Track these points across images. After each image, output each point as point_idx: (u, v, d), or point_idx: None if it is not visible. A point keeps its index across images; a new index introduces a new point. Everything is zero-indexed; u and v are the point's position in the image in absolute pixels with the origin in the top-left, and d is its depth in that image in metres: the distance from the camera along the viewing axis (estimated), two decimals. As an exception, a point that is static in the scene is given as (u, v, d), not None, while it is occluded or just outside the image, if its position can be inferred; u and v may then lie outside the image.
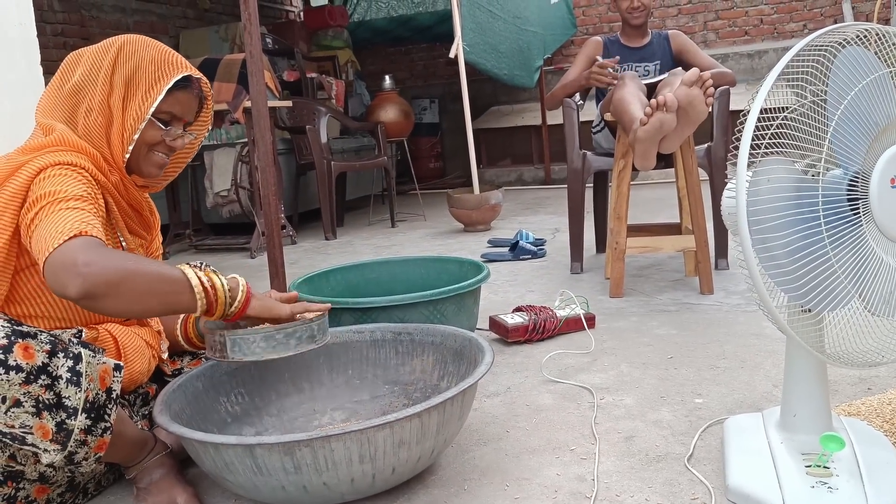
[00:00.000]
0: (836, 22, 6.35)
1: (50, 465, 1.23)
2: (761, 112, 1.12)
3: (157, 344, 1.50)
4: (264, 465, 1.15)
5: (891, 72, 1.15)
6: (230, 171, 4.26)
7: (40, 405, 1.11)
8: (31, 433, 1.11)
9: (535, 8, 5.90)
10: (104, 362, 1.20)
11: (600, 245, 3.27)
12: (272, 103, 4.20)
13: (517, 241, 3.38)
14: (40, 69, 2.94)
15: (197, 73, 1.45)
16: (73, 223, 1.16)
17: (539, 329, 2.09)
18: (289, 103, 4.48)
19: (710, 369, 1.80)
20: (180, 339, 1.57)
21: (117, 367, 1.22)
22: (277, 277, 2.70)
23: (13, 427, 1.10)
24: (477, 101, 6.68)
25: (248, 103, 3.97)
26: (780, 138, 1.13)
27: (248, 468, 1.16)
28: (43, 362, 1.12)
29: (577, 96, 3.04)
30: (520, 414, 1.62)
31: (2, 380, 1.07)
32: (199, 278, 1.24)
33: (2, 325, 1.10)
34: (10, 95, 2.81)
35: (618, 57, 2.84)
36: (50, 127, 1.35)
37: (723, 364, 1.82)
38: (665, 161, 2.79)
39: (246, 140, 4.22)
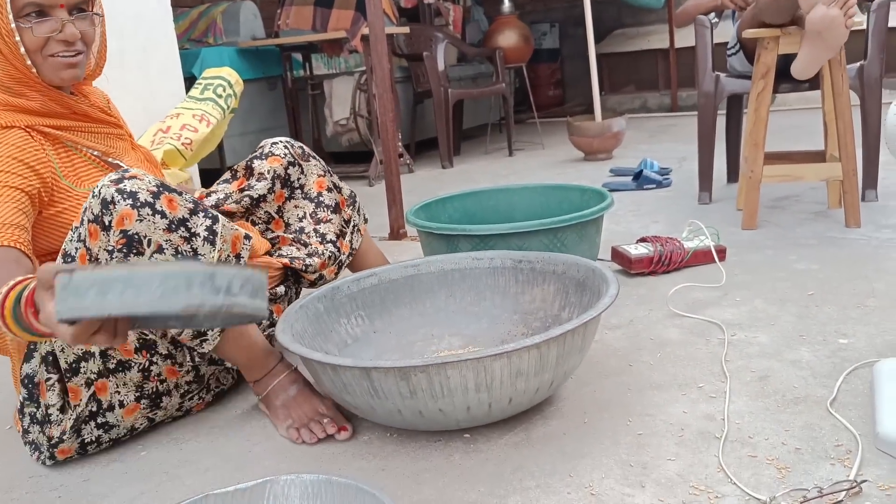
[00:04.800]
0: None
1: (175, 340, 1.30)
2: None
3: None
4: (380, 388, 1.15)
5: None
6: (349, 99, 4.28)
7: (178, 256, 1.17)
8: None
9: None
10: (236, 229, 1.26)
11: (731, 174, 3.07)
12: (389, 30, 4.15)
13: (641, 170, 3.22)
14: (168, 0, 3.02)
15: None
16: None
17: (665, 261, 1.98)
18: (406, 29, 4.42)
19: (857, 308, 1.65)
20: None
21: (247, 237, 1.27)
22: (395, 205, 2.71)
23: None
24: (600, 25, 6.36)
25: (366, 30, 3.94)
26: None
27: (364, 390, 1.17)
28: (184, 216, 1.19)
29: (712, 14, 2.81)
30: (643, 348, 1.55)
31: (149, 220, 1.15)
32: None
33: (153, 179, 1.18)
34: (142, 26, 2.91)
35: None
36: None
37: (872, 303, 1.67)
38: (809, 83, 2.55)
39: (364, 69, 4.21)
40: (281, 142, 1.60)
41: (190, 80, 3.61)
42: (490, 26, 5.67)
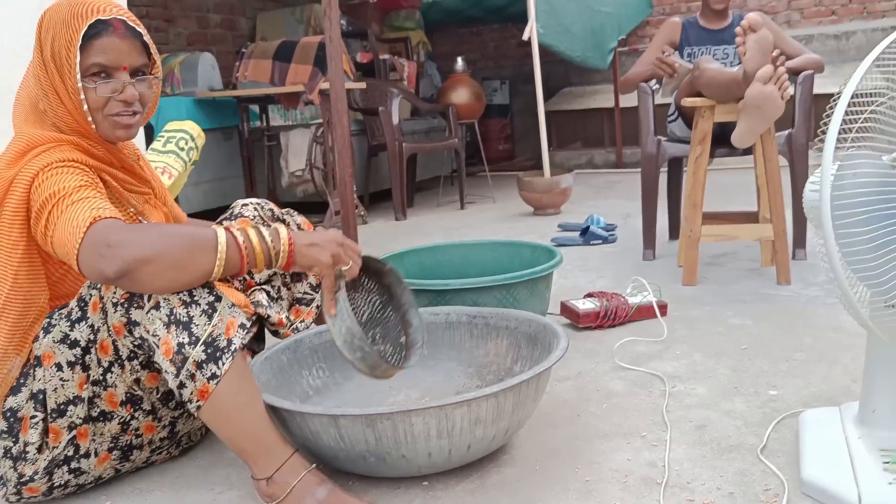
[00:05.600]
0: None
1: (163, 398, 1.33)
2: (849, 99, 1.11)
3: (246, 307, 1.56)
4: (347, 436, 1.21)
5: None
6: (305, 151, 4.36)
7: (172, 318, 1.18)
8: (159, 347, 1.19)
9: (609, -12, 5.80)
10: (235, 315, 1.22)
11: (673, 232, 3.23)
12: (347, 86, 4.27)
13: (588, 226, 3.37)
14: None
15: (111, 14, 1.29)
16: (86, 213, 1.14)
17: (610, 315, 2.10)
18: (363, 85, 4.55)
19: (786, 361, 1.78)
20: None
21: (242, 326, 1.22)
22: (352, 257, 2.77)
23: (149, 333, 1.19)
24: (549, 83, 6.60)
25: (324, 85, 4.05)
26: (867, 130, 1.11)
27: (332, 437, 1.23)
28: None
29: (653, 80, 3.00)
30: (591, 399, 1.65)
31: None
32: (234, 235, 1.16)
33: None
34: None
35: (675, 52, 2.80)
36: (21, 132, 1.32)
37: (799, 356, 1.80)
38: (744, 149, 2.74)
39: (320, 121, 4.31)
40: (251, 203, 1.62)
41: (147, 130, 3.65)
42: (444, 83, 5.85)
